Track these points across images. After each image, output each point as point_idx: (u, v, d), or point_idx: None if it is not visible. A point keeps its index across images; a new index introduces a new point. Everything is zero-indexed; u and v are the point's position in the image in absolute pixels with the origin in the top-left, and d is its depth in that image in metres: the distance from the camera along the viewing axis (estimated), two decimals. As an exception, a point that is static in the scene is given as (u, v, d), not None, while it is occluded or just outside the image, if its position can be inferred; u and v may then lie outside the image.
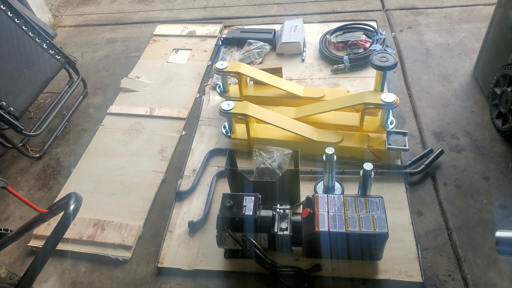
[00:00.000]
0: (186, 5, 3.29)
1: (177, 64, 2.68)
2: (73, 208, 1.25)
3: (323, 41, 2.58)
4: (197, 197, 1.88)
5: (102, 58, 2.87)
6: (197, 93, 2.44)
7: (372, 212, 1.46)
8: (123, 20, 3.23)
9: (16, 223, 1.93)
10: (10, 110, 2.01)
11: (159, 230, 1.79)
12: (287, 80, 2.27)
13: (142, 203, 1.90)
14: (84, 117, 2.45)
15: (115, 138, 2.24)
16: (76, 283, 1.66)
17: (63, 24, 3.29)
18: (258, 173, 1.81)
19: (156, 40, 2.91)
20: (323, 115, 1.98)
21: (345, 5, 2.98)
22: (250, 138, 1.98)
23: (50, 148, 2.28)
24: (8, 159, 2.27)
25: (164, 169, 2.03)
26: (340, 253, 1.48)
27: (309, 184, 1.85)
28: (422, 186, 1.79)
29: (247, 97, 2.15)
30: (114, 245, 1.74)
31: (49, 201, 2.01)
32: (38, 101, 2.58)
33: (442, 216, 1.69)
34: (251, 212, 1.48)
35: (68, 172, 2.11)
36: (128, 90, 2.53)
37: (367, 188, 1.64)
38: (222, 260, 1.62)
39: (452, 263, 1.54)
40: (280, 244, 1.51)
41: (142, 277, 1.64)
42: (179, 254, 1.67)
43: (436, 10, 2.82)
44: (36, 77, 2.21)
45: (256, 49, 2.56)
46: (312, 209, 1.49)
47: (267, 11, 3.05)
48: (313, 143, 1.88)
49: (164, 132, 2.23)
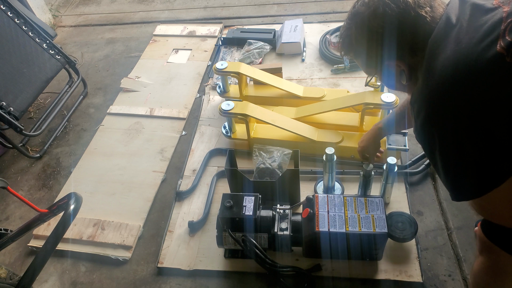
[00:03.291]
0: (186, 5, 3.29)
1: (177, 64, 2.68)
2: (73, 208, 1.25)
3: (323, 41, 2.58)
4: (197, 197, 1.88)
5: (102, 58, 2.87)
6: (197, 93, 2.44)
7: (372, 212, 1.46)
8: (123, 20, 3.23)
9: (16, 223, 1.93)
10: (10, 110, 2.01)
11: (159, 230, 1.79)
12: (287, 80, 2.27)
13: (142, 203, 1.90)
14: (84, 117, 2.45)
15: (115, 138, 2.24)
16: (76, 283, 1.66)
17: (63, 24, 3.29)
18: (258, 173, 1.81)
19: (156, 40, 2.91)
20: (323, 115, 1.98)
21: (345, 5, 2.98)
22: (250, 138, 1.98)
23: (50, 148, 2.28)
24: (8, 159, 2.27)
25: (164, 169, 2.03)
26: (340, 253, 1.48)
27: (309, 184, 1.85)
28: (422, 186, 1.79)
29: (247, 97, 2.15)
30: (114, 245, 1.74)
31: (49, 201, 2.01)
32: (38, 101, 2.58)
33: (442, 216, 1.69)
34: (251, 212, 1.48)
35: (68, 172, 2.11)
36: (128, 90, 2.53)
37: (367, 188, 1.65)
38: (222, 260, 1.62)
39: (452, 263, 1.54)
40: (280, 244, 1.51)
41: (142, 277, 1.64)
42: (179, 254, 1.67)
43: (436, 10, 2.82)
44: (36, 77, 2.21)
45: (256, 49, 2.56)
46: (312, 209, 1.49)
47: (267, 11, 3.05)
48: (313, 143, 1.88)
49: (164, 132, 2.23)
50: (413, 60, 0.94)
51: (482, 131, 0.79)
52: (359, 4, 0.99)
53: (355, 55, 1.06)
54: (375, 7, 0.94)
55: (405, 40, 0.93)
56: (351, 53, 1.06)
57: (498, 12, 0.83)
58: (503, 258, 0.92)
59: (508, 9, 0.81)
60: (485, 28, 0.82)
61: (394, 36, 0.93)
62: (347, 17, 1.03)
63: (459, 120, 0.81)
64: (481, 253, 0.99)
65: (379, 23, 0.93)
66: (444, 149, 0.87)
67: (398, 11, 0.91)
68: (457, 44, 0.83)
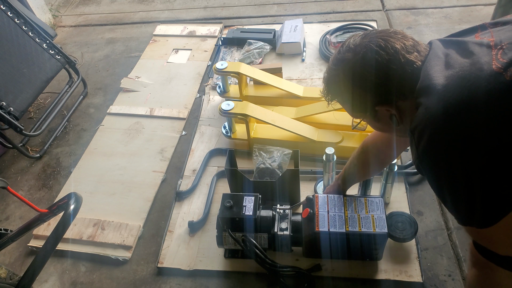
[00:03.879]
0: (186, 5, 3.29)
1: (177, 64, 2.68)
2: (73, 208, 1.25)
3: (323, 41, 2.58)
4: (197, 197, 1.88)
5: (102, 58, 2.87)
6: (197, 93, 2.44)
7: (372, 212, 1.46)
8: (123, 20, 3.23)
9: (16, 223, 1.93)
10: (10, 110, 2.01)
11: (159, 230, 1.79)
12: (287, 80, 2.27)
13: (142, 203, 1.90)
14: (84, 117, 2.45)
15: (115, 138, 2.24)
16: (76, 283, 1.66)
17: (63, 24, 3.29)
18: (258, 173, 1.81)
19: (156, 40, 2.91)
20: (323, 115, 1.98)
21: (345, 5, 2.98)
22: (250, 138, 1.98)
23: (50, 148, 2.28)
24: (8, 159, 2.27)
25: (164, 169, 2.03)
26: (340, 253, 1.48)
27: (309, 184, 1.85)
28: (422, 186, 1.79)
29: (247, 97, 2.15)
30: (114, 245, 1.74)
31: (49, 201, 2.01)
32: (38, 101, 2.58)
33: (442, 216, 1.69)
34: (251, 212, 1.48)
35: (68, 172, 2.11)
36: (128, 90, 2.53)
37: (367, 188, 1.65)
38: (222, 260, 1.62)
39: (452, 263, 1.54)
40: (280, 244, 1.51)
41: (142, 277, 1.64)
42: (179, 254, 1.67)
43: (436, 10, 2.83)
44: (36, 77, 2.21)
45: (256, 49, 2.56)
46: (312, 209, 1.49)
47: (267, 11, 3.05)
48: (313, 143, 1.88)
49: (164, 132, 2.23)
50: (403, 103, 0.93)
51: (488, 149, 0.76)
52: (344, 49, 0.98)
53: (342, 100, 1.05)
54: (364, 54, 0.93)
55: (395, 86, 0.92)
56: (338, 98, 1.05)
57: (483, 41, 0.85)
58: (497, 272, 0.90)
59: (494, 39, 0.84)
60: (476, 53, 0.83)
61: (384, 83, 0.92)
62: (331, 62, 1.02)
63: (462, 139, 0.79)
64: (474, 265, 0.97)
65: (369, 70, 0.92)
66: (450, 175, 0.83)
67: (387, 58, 0.90)
68: (451, 71, 0.83)
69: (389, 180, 1.61)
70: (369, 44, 0.93)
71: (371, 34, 0.96)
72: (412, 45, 0.93)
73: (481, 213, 0.82)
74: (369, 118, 1.04)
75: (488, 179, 0.78)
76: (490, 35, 0.87)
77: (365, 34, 0.97)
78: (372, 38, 0.94)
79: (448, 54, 0.88)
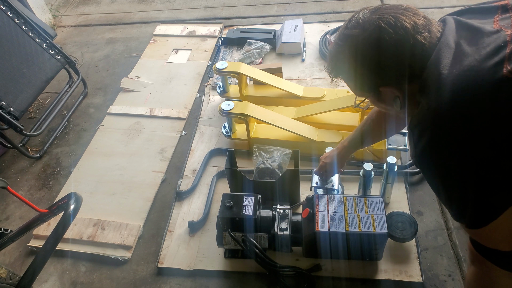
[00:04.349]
0: (186, 5, 3.29)
1: (177, 64, 2.68)
2: (73, 208, 1.24)
3: (323, 41, 2.58)
4: (197, 197, 1.88)
5: (102, 58, 2.87)
6: (197, 93, 2.44)
7: (372, 212, 1.46)
8: (123, 20, 3.23)
9: (16, 223, 1.93)
10: (10, 110, 2.01)
11: (159, 230, 1.79)
12: (287, 80, 2.27)
13: (142, 203, 1.90)
14: (84, 117, 2.45)
15: (115, 138, 2.24)
16: (76, 283, 1.66)
17: (63, 24, 3.29)
18: (258, 173, 1.81)
19: (156, 40, 2.91)
20: (323, 115, 1.98)
21: (345, 5, 2.98)
22: (250, 138, 1.98)
23: (50, 148, 2.28)
24: (8, 159, 2.27)
25: (164, 169, 2.03)
26: (340, 253, 1.48)
27: (309, 184, 1.84)
28: (422, 186, 1.79)
29: (247, 97, 2.15)
30: (114, 245, 1.74)
31: (49, 201, 2.01)
32: (38, 101, 2.58)
33: (442, 216, 1.69)
34: (251, 212, 1.48)
35: (68, 172, 2.11)
36: (128, 90, 2.53)
37: (367, 188, 1.65)
38: (222, 260, 1.62)
39: (452, 263, 1.54)
40: (280, 244, 1.51)
41: (142, 277, 1.64)
42: (179, 254, 1.67)
43: (436, 10, 2.82)
44: (36, 77, 2.21)
45: (256, 49, 2.56)
46: (312, 209, 1.49)
47: (267, 11, 3.05)
48: (313, 143, 1.88)
49: (164, 132, 2.23)
50: (409, 87, 0.90)
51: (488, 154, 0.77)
52: (352, 24, 0.93)
53: (346, 78, 1.01)
54: (371, 31, 0.88)
55: (402, 68, 0.88)
56: (342, 76, 1.01)
57: (500, 35, 0.81)
58: (495, 271, 0.90)
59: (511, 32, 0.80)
60: (488, 51, 0.79)
61: (390, 65, 0.89)
62: (337, 37, 0.97)
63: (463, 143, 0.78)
64: (472, 263, 0.97)
65: (375, 50, 0.88)
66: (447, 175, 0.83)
67: (396, 38, 0.85)
68: (460, 67, 0.80)
69: (389, 180, 1.61)
70: (378, 21, 0.87)
71: (381, 9, 0.90)
72: (424, 24, 0.87)
73: (471, 215, 0.83)
74: (372, 98, 1.01)
75: (482, 185, 0.78)
76: (509, 22, 0.82)
77: (375, 9, 0.92)
78: (382, 14, 0.88)
79: (459, 43, 0.84)
